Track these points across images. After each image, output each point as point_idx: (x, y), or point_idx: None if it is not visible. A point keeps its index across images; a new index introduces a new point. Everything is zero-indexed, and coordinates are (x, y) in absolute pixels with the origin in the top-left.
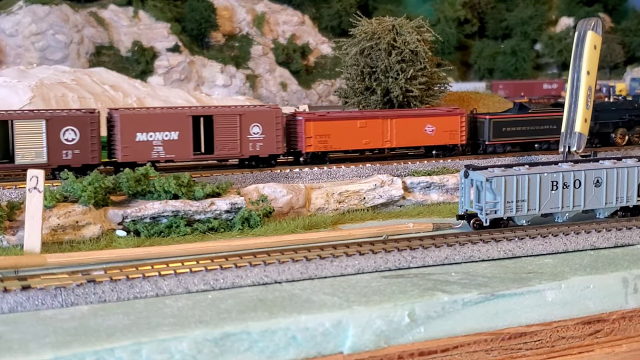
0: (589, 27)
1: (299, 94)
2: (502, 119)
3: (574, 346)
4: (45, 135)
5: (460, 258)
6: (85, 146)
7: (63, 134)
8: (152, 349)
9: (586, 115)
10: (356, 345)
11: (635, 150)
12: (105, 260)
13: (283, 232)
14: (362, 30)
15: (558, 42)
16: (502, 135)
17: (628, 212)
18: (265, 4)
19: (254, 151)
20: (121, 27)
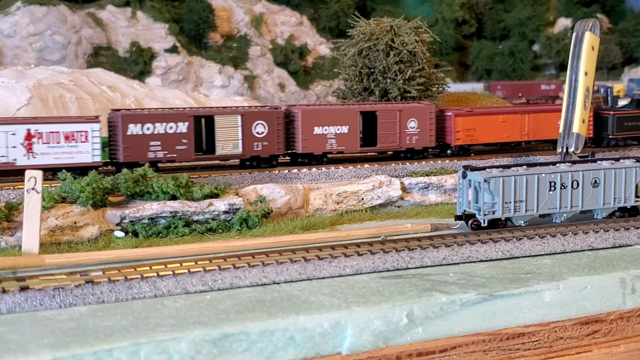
0: (587, 28)
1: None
2: (625, 114)
3: (571, 346)
4: (241, 129)
5: (459, 258)
6: (272, 138)
7: (255, 127)
8: (150, 350)
9: (584, 116)
10: (354, 345)
11: (633, 151)
12: (104, 261)
13: (281, 232)
14: (360, 31)
15: (556, 43)
16: (624, 130)
17: (626, 213)
18: (264, 5)
19: (410, 144)
20: (119, 27)
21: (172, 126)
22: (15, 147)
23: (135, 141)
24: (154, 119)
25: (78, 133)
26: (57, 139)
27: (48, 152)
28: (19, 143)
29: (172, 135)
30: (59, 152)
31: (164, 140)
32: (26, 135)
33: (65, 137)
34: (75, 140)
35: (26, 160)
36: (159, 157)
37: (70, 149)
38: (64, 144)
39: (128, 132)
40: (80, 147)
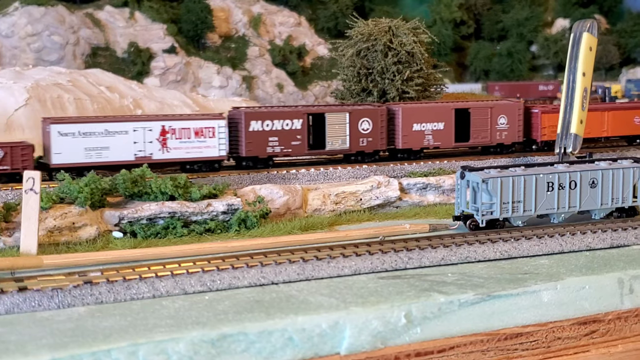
0: (585, 29)
1: (296, 95)
2: None
3: (569, 347)
4: (348, 126)
5: (457, 259)
6: (376, 134)
7: (360, 124)
8: (149, 350)
9: (582, 117)
10: (353, 346)
11: (630, 152)
12: (102, 261)
13: (280, 233)
14: (359, 31)
15: (554, 44)
16: None
17: (623, 213)
18: (262, 5)
19: (500, 139)
20: (117, 28)
21: (288, 123)
22: (152, 142)
23: (255, 137)
24: (273, 116)
25: (206, 129)
26: (188, 134)
27: (180, 147)
28: (155, 138)
29: (288, 132)
30: (189, 146)
31: (281, 136)
32: (161, 131)
33: (195, 132)
34: (203, 135)
35: (161, 154)
36: (276, 151)
37: (199, 144)
38: (194, 139)
39: (250, 129)
40: (208, 142)
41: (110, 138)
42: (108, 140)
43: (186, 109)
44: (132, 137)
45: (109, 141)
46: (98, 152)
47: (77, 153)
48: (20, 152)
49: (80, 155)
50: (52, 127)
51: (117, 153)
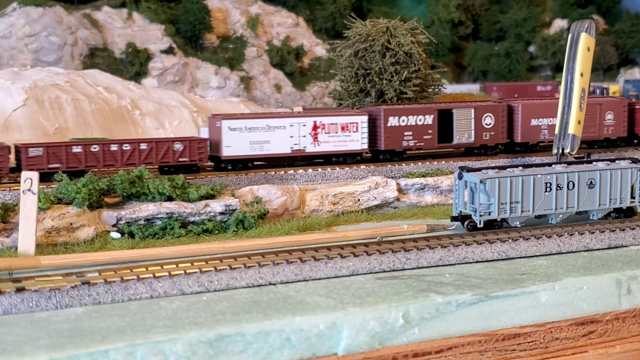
0: (583, 29)
1: (294, 95)
2: None
3: (567, 347)
4: (473, 121)
5: (454, 259)
6: (498, 129)
7: (484, 119)
8: (146, 351)
9: (580, 117)
10: (350, 346)
11: (628, 152)
12: (100, 262)
13: (277, 233)
14: (357, 32)
15: (552, 44)
16: None
17: (621, 214)
18: (260, 6)
19: (607, 134)
20: (115, 28)
21: (421, 118)
22: (305, 136)
23: (393, 132)
24: (408, 112)
25: (351, 124)
26: (335, 129)
27: (329, 141)
28: (308, 133)
29: (420, 127)
30: (336, 140)
31: (414, 131)
32: (313, 126)
33: (342, 127)
34: (349, 130)
35: (313, 147)
36: (410, 145)
37: (345, 138)
38: (340, 134)
39: (388, 124)
40: (352, 137)
41: (270, 133)
42: (269, 134)
43: (184, 109)
44: (289, 131)
45: (270, 135)
46: (261, 145)
47: (243, 146)
48: (197, 145)
49: (246, 148)
50: (223, 122)
51: (276, 146)
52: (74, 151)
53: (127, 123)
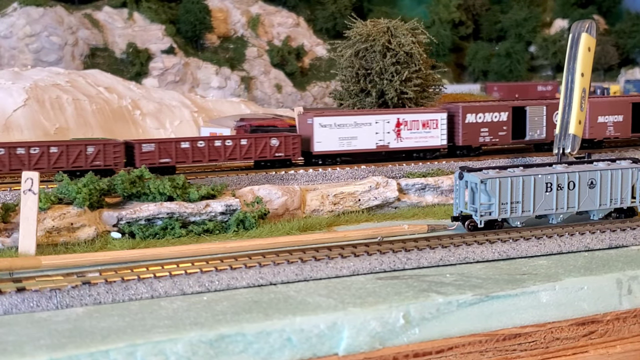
0: (583, 29)
1: (294, 95)
2: None
3: (568, 347)
4: (545, 118)
5: (455, 259)
6: None
7: (554, 116)
8: (147, 351)
9: (580, 117)
10: (351, 346)
11: (629, 152)
12: (100, 262)
13: (278, 233)
14: (357, 32)
15: (552, 44)
16: None
17: (622, 214)
18: (260, 6)
19: None
20: (116, 28)
21: (497, 115)
22: (389, 132)
23: (470, 128)
24: (484, 109)
25: (431, 121)
26: (417, 126)
27: (410, 137)
28: (392, 129)
29: (496, 123)
30: (418, 136)
31: (490, 127)
32: (396, 123)
33: (423, 124)
34: (429, 127)
35: (396, 143)
36: (486, 141)
37: (425, 134)
38: (421, 130)
39: (466, 121)
40: (432, 133)
41: (357, 129)
42: (356, 131)
43: (184, 109)
44: (374, 128)
45: (357, 132)
46: (348, 141)
47: (333, 142)
48: (291, 141)
49: (335, 144)
50: (315, 119)
51: (362, 142)
52: (182, 146)
53: (128, 123)
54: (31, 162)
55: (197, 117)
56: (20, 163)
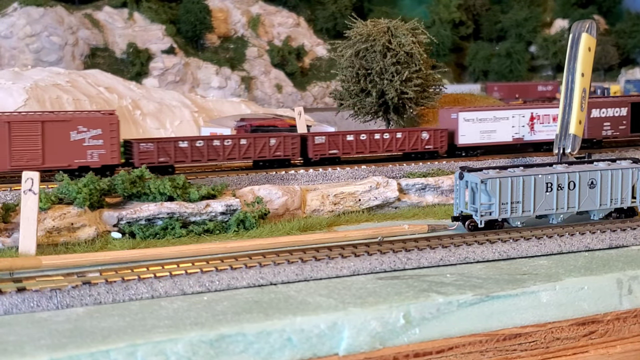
0: (584, 29)
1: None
2: None
3: (568, 347)
4: None
5: (455, 259)
6: None
7: None
8: (147, 351)
9: (580, 117)
10: (351, 346)
11: (629, 152)
12: (101, 262)
13: (278, 233)
14: (357, 32)
15: (553, 44)
16: None
17: (622, 214)
18: (260, 6)
19: None
20: (116, 28)
21: (617, 110)
22: (524, 126)
23: (595, 122)
24: (607, 104)
25: None
26: (548, 120)
27: (542, 130)
28: (526, 123)
29: (617, 118)
30: (548, 130)
31: (612, 122)
32: (530, 117)
33: (553, 118)
34: None
35: (529, 136)
36: (608, 134)
37: (555, 128)
38: (552, 124)
39: (591, 115)
40: None
41: (496, 123)
42: (495, 124)
43: (185, 109)
44: (511, 122)
45: (496, 125)
46: (488, 134)
47: (474, 135)
48: (439, 134)
49: (477, 137)
50: (460, 114)
51: (500, 135)
52: (347, 139)
53: (128, 123)
54: (225, 152)
55: (197, 117)
56: (216, 154)
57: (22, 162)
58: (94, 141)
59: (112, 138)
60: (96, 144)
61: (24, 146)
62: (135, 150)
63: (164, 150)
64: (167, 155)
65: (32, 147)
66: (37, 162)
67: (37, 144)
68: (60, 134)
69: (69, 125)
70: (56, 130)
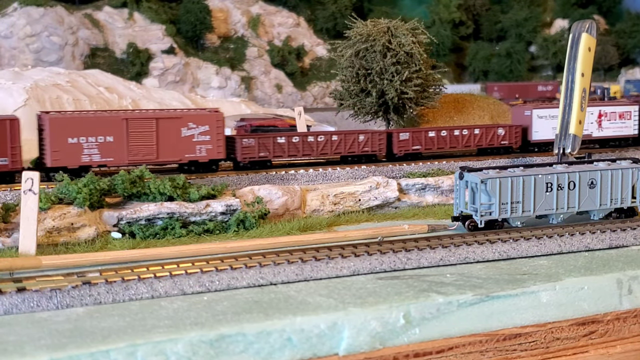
0: (584, 29)
1: (294, 95)
2: None
3: (568, 347)
4: None
5: (455, 259)
6: None
7: None
8: (147, 351)
9: (580, 117)
10: (351, 346)
11: (629, 152)
12: (101, 262)
13: (278, 233)
14: (357, 32)
15: (553, 44)
16: None
17: (622, 214)
18: (260, 6)
19: None
20: (116, 28)
21: None
22: (592, 123)
23: None
24: None
25: (626, 113)
26: (614, 117)
27: (609, 127)
28: (595, 120)
29: None
30: (615, 126)
31: None
32: (598, 114)
33: (619, 115)
34: (624, 118)
35: (597, 132)
36: None
37: (621, 125)
38: (617, 121)
39: None
40: (627, 123)
41: None
42: None
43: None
44: None
45: None
46: None
47: (546, 131)
48: (514, 131)
49: (549, 133)
50: (534, 111)
51: None
52: (429, 135)
53: None
54: (318, 148)
55: None
56: (310, 149)
57: (139, 157)
58: (202, 137)
59: (218, 134)
60: (204, 140)
61: (141, 142)
62: (238, 146)
63: (264, 145)
64: (267, 150)
65: (147, 142)
66: (152, 156)
67: (152, 139)
68: (172, 130)
69: (181, 122)
70: (169, 126)
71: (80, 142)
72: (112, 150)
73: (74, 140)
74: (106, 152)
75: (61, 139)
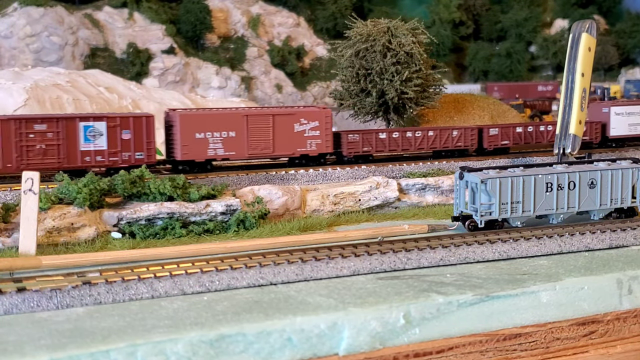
0: (584, 29)
1: (294, 95)
2: None
3: (568, 347)
4: None
5: (455, 259)
6: None
7: None
8: (147, 351)
9: (581, 117)
10: (351, 346)
11: (629, 152)
12: (101, 262)
13: (278, 233)
14: (357, 32)
15: (553, 44)
16: None
17: (622, 214)
18: (261, 6)
19: None
20: (116, 28)
21: None
22: None
23: None
24: None
25: None
26: None
27: None
28: None
29: None
30: None
31: None
32: None
33: None
34: None
35: None
36: None
37: None
38: None
39: None
40: None
41: None
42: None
43: None
44: None
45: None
46: (635, 126)
47: (623, 127)
48: (594, 127)
49: (625, 129)
50: (612, 109)
51: None
52: (517, 131)
53: None
54: (416, 143)
55: None
56: (409, 144)
57: (257, 151)
58: (312, 132)
59: (326, 130)
60: (314, 135)
61: (259, 136)
62: (344, 141)
63: (367, 140)
64: (370, 145)
65: (265, 137)
66: (268, 150)
67: (269, 134)
68: (286, 125)
69: (294, 118)
70: (283, 122)
71: (206, 137)
72: (234, 144)
73: (201, 136)
74: (229, 146)
75: (190, 134)
